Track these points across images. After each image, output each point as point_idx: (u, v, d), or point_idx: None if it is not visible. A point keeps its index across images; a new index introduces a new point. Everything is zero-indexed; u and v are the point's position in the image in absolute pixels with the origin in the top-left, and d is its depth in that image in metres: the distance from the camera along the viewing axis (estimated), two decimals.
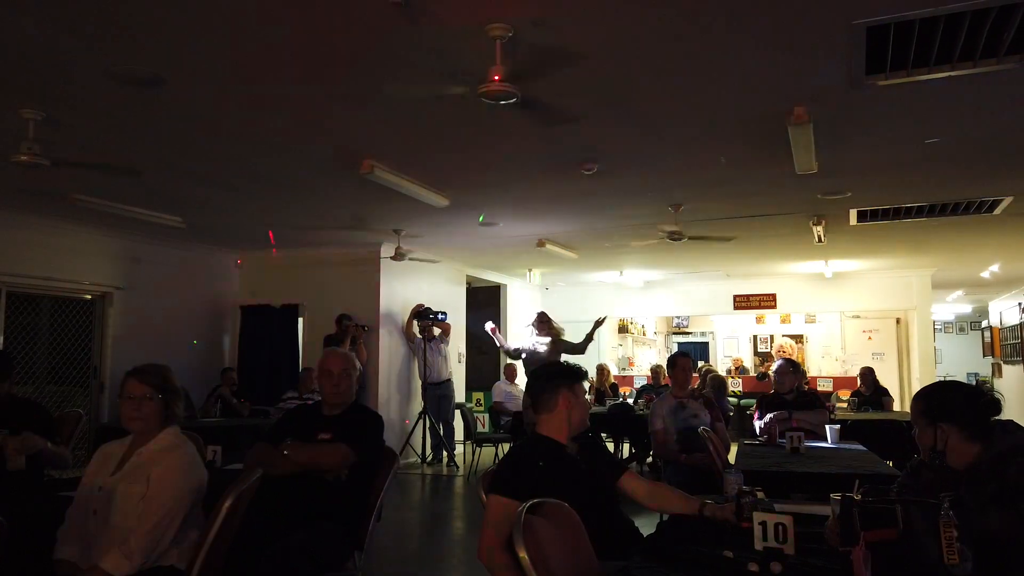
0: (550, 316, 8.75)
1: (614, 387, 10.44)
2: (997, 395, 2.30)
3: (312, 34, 3.31)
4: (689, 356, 5.38)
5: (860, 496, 1.79)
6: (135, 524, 2.39)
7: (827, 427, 5.01)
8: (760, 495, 2.53)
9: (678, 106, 4.24)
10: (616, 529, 2.46)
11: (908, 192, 6.33)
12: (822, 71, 3.70)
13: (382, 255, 8.77)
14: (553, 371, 2.66)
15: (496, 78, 3.24)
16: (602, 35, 3.32)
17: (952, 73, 3.57)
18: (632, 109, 4.27)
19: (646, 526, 2.71)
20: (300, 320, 9.26)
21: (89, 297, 7.80)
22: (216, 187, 6.02)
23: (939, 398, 2.28)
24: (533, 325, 8.71)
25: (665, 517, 2.80)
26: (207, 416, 7.57)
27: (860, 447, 4.77)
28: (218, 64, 3.62)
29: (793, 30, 3.27)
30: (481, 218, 6.88)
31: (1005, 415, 2.24)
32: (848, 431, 6.12)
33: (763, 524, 1.99)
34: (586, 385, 10.34)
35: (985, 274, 11.38)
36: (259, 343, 9.16)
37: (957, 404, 2.22)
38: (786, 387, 5.50)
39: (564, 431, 2.58)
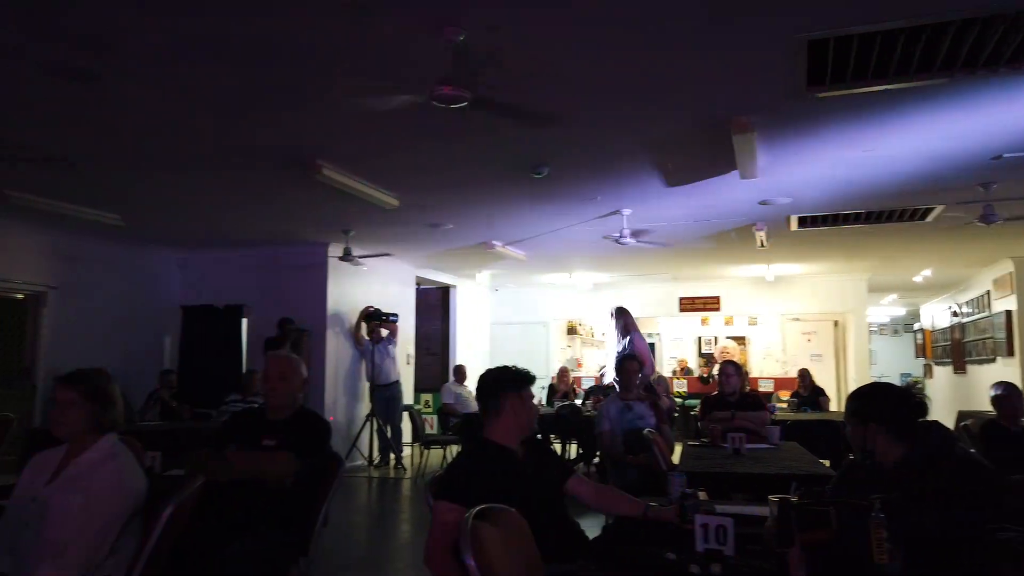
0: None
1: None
2: (925, 398, 2.40)
3: (258, 32, 3.25)
4: (636, 359, 5.45)
5: (796, 499, 1.85)
6: (71, 536, 2.31)
7: (768, 428, 5.14)
8: (703, 496, 2.59)
9: (626, 114, 4.30)
10: (562, 533, 2.48)
11: (846, 200, 6.55)
12: (765, 82, 3.80)
13: (330, 255, 8.66)
14: (501, 375, 2.66)
15: (448, 82, 3.24)
16: (553, 45, 3.35)
17: (889, 87, 3.72)
18: (581, 116, 4.31)
19: (592, 527, 2.74)
20: (244, 321, 9.07)
21: (21, 297, 7.51)
22: (157, 185, 5.86)
23: (871, 399, 2.38)
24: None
25: (611, 519, 2.83)
26: (145, 420, 7.34)
27: (798, 447, 4.91)
28: (158, 60, 3.53)
29: (737, 43, 3.36)
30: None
31: (936, 414, 2.34)
32: (788, 430, 6.29)
33: (704, 526, 2.03)
34: (543, 387, 10.40)
35: (918, 279, 11.85)
36: (201, 345, 8.94)
37: (887, 405, 2.32)
38: (730, 389, 5.63)
39: (512, 435, 2.59)
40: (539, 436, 2.91)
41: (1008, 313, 10.14)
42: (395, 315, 9.14)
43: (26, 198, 5.90)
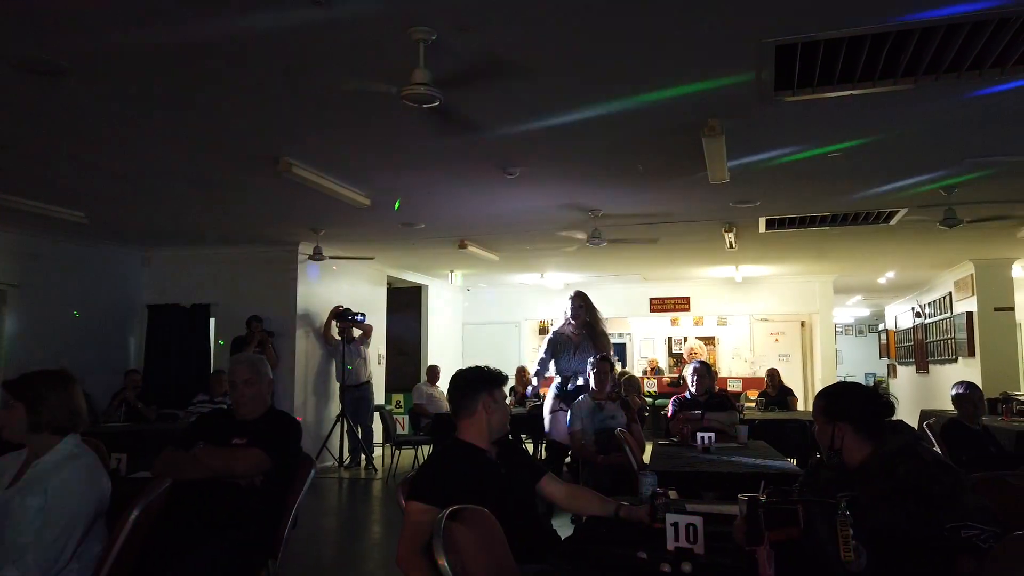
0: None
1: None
2: (892, 398, 2.45)
3: (227, 30, 3.21)
4: (608, 360, 5.49)
5: (764, 497, 1.88)
6: (32, 539, 2.26)
7: (737, 427, 5.21)
8: (673, 495, 2.61)
9: (597, 117, 4.32)
10: (535, 533, 2.48)
11: (813, 202, 6.65)
12: (734, 86, 3.85)
13: (300, 254, 8.58)
14: (473, 376, 2.66)
15: (419, 81, 3.22)
16: (523, 46, 3.35)
17: (854, 92, 3.78)
18: (553, 117, 4.32)
19: (564, 527, 2.76)
20: (212, 321, 8.94)
21: None
22: (121, 181, 5.74)
23: (839, 398, 2.42)
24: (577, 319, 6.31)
25: (583, 519, 2.85)
26: (110, 421, 7.21)
27: (766, 446, 4.98)
28: (123, 55, 3.46)
29: (706, 47, 3.39)
30: (397, 205, 6.55)
31: (900, 413, 2.39)
32: (756, 430, 6.37)
33: (675, 525, 2.06)
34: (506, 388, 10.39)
35: (882, 280, 12.09)
36: (168, 344, 8.81)
37: (854, 404, 2.36)
38: (700, 389, 5.68)
39: (484, 436, 2.59)
40: (510, 436, 2.91)
41: (969, 314, 10.39)
42: (363, 314, 9.07)
43: None
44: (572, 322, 6.24)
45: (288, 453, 3.06)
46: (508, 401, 9.20)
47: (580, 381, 5.99)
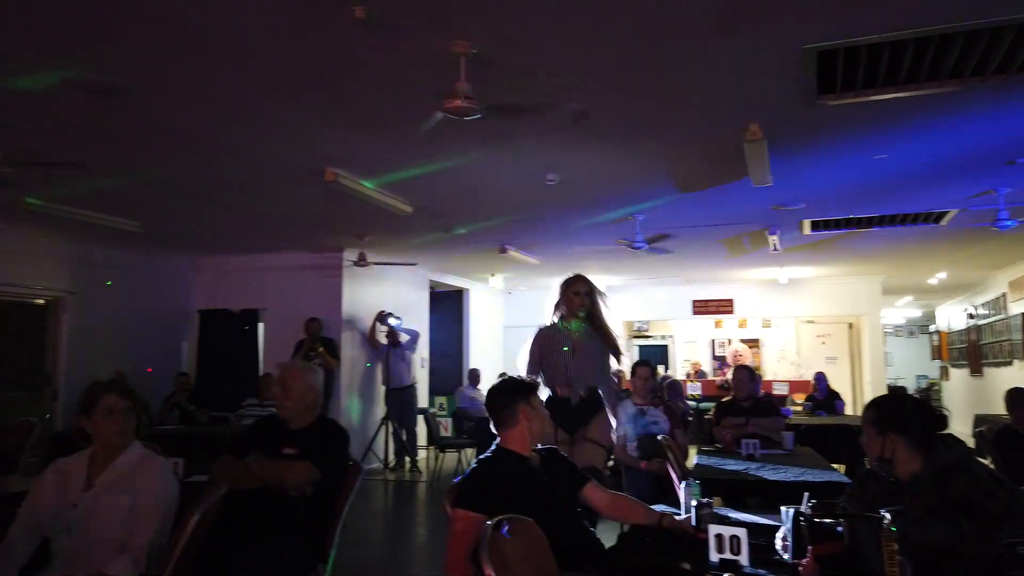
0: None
1: None
2: (944, 411, 2.42)
3: (276, 48, 3.32)
4: (649, 364, 5.48)
5: (809, 511, 1.88)
6: (122, 534, 2.43)
7: (782, 433, 5.16)
8: (717, 503, 2.62)
9: (638, 124, 4.33)
10: (579, 541, 2.51)
11: (859, 204, 6.54)
12: (776, 91, 3.83)
13: (345, 260, 8.74)
14: (510, 387, 2.71)
15: (461, 95, 3.28)
16: (565, 57, 3.39)
17: (899, 94, 3.73)
18: (593, 126, 4.35)
19: (607, 532, 2.78)
20: (260, 325, 9.16)
21: (41, 302, 7.62)
22: (176, 193, 5.95)
23: (890, 409, 2.40)
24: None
25: (626, 527, 2.87)
26: (164, 424, 7.44)
27: (813, 453, 4.92)
28: (181, 76, 3.61)
29: (748, 54, 3.39)
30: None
31: (953, 417, 2.37)
32: (802, 435, 6.29)
33: (719, 536, 2.07)
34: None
35: (933, 281, 11.79)
36: (218, 349, 9.05)
37: (906, 416, 2.34)
38: (744, 394, 5.64)
39: (527, 444, 2.64)
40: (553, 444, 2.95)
41: None
42: (398, 318, 9.15)
43: (46, 206, 6.00)
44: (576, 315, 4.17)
45: (337, 463, 3.14)
46: None
47: (580, 394, 4.06)
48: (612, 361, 4.27)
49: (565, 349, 4.10)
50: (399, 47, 3.28)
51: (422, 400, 10.07)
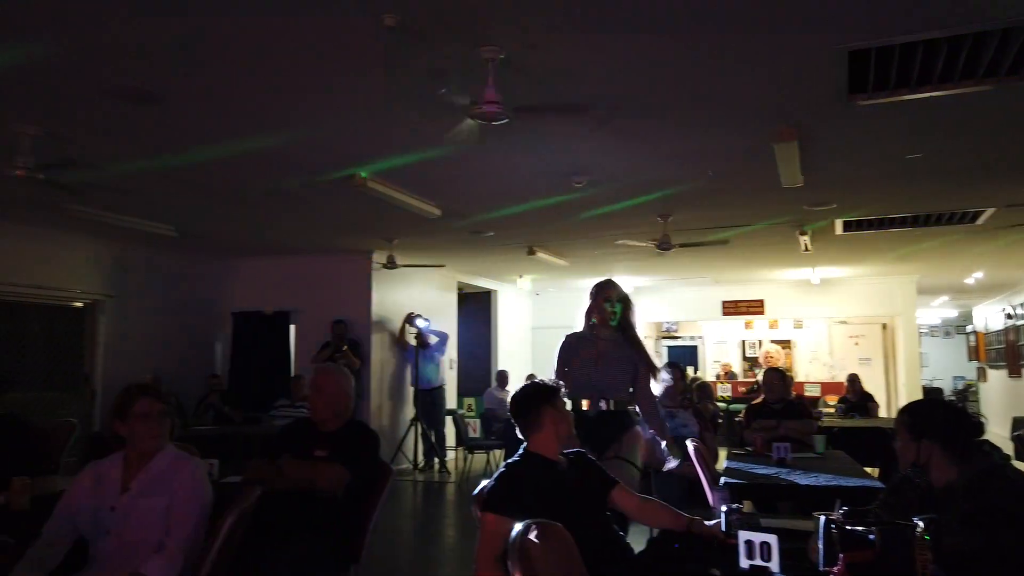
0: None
1: None
2: (981, 418, 2.39)
3: (307, 56, 3.37)
4: (679, 367, 5.45)
5: (839, 518, 1.86)
6: (158, 535, 2.49)
7: (814, 436, 5.10)
8: (747, 506, 2.60)
9: (667, 125, 4.32)
10: (608, 545, 2.52)
11: (892, 203, 6.44)
12: (806, 91, 3.79)
13: (374, 262, 8.82)
14: (533, 391, 2.72)
15: (489, 100, 3.30)
16: (594, 58, 3.39)
17: (933, 94, 3.67)
18: (622, 127, 4.35)
19: (637, 536, 2.78)
20: (292, 327, 9.28)
21: (80, 305, 7.81)
22: (209, 197, 6.06)
23: (926, 415, 2.37)
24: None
25: (655, 532, 2.86)
26: (200, 424, 7.58)
27: (845, 456, 4.86)
28: (214, 84, 3.68)
29: (778, 54, 3.36)
30: None
31: (991, 419, 2.34)
32: (835, 437, 6.21)
33: (749, 543, 2.06)
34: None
35: (969, 280, 11.55)
36: (251, 349, 9.19)
37: (942, 422, 2.31)
38: (775, 396, 5.58)
39: (553, 447, 2.64)
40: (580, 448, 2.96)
41: None
42: (426, 319, 9.20)
43: (85, 212, 6.15)
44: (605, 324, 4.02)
45: (367, 465, 3.19)
46: None
47: (603, 406, 3.81)
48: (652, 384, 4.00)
49: (589, 357, 3.89)
50: (426, 53, 3.31)
51: (450, 401, 10.12)
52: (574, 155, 4.91)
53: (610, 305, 4.02)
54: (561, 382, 2.85)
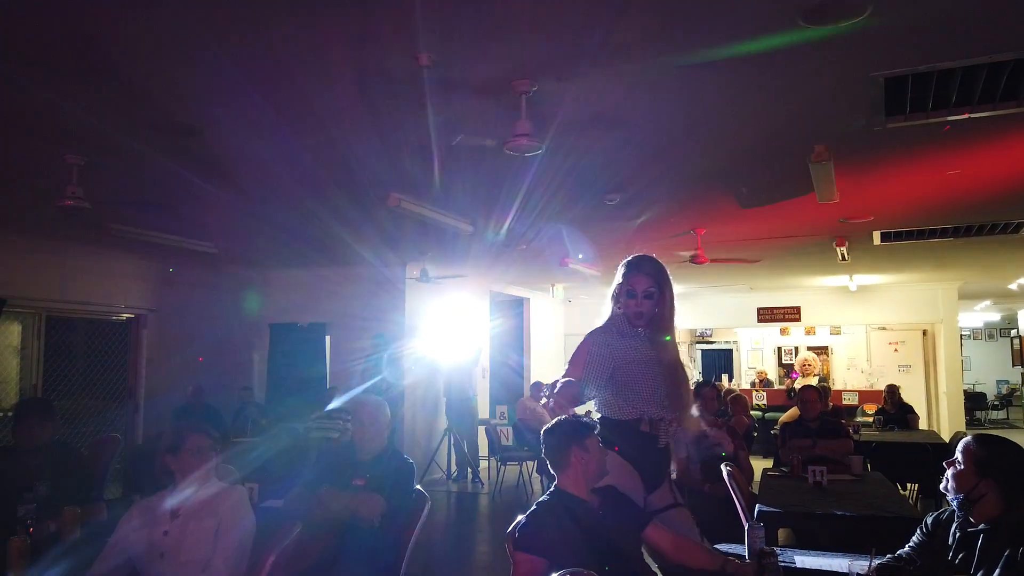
0: None
1: None
2: None
3: (343, 91, 3.43)
4: (713, 386, 5.42)
5: (874, 569, 1.86)
6: (208, 554, 2.62)
7: (851, 457, 5.03)
8: (784, 534, 2.58)
9: (702, 145, 4.31)
10: None
11: (931, 216, 6.32)
12: (842, 114, 3.75)
13: (408, 274, 8.91)
14: (560, 431, 2.65)
15: (520, 132, 3.33)
16: (626, 87, 3.40)
17: (972, 116, 3.61)
18: (655, 148, 4.34)
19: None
20: (327, 339, 9.41)
21: (124, 319, 8.02)
22: (248, 217, 6.18)
23: (999, 454, 2.37)
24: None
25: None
26: (240, 436, 7.72)
27: (883, 480, 4.78)
28: (252, 116, 3.77)
29: (813, 81, 3.34)
30: None
31: None
32: (873, 452, 6.11)
33: None
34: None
35: (1013, 286, 11.27)
36: (287, 361, 9.33)
37: (1010, 466, 2.32)
38: (811, 413, 5.52)
39: (582, 487, 2.61)
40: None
41: None
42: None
43: (129, 231, 6.32)
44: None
45: (403, 495, 3.25)
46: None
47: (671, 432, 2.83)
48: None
49: (651, 359, 2.81)
50: (459, 89, 3.35)
51: (483, 410, 10.17)
52: (607, 176, 4.91)
53: (635, 301, 2.90)
54: (587, 391, 2.66)
